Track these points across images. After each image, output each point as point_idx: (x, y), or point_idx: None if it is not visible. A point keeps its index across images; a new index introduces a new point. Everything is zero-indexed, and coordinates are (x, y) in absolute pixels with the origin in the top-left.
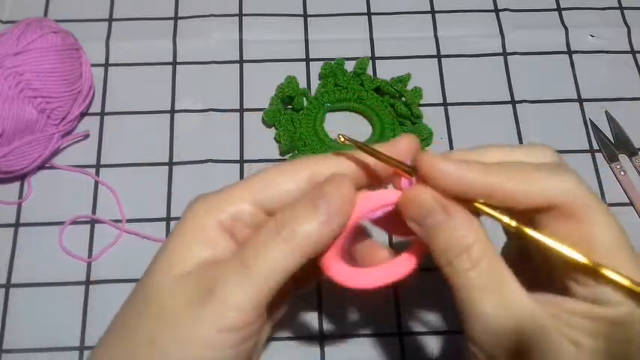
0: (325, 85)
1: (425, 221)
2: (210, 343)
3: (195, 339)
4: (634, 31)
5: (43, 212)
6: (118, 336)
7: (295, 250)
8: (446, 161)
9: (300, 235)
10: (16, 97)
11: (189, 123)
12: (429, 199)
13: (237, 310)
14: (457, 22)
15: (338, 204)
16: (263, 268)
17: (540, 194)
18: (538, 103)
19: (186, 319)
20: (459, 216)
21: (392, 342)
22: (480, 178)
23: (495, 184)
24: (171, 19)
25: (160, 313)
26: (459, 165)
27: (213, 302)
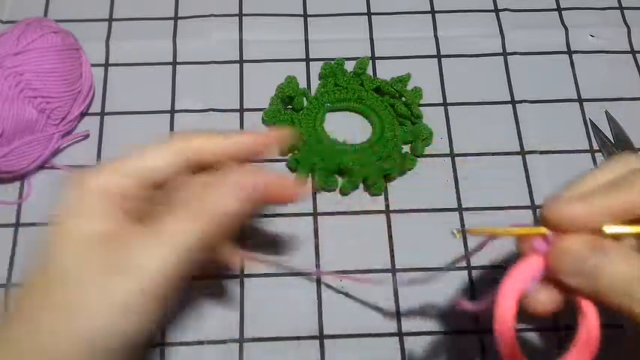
0: (325, 85)
1: (583, 269)
2: (128, 309)
3: (112, 306)
4: (634, 31)
5: (43, 212)
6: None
7: (209, 222)
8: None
9: (211, 206)
10: (16, 97)
11: (189, 123)
12: (575, 243)
13: (152, 277)
14: (457, 22)
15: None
16: (178, 237)
17: None
18: (538, 103)
19: (100, 286)
20: (614, 249)
21: (392, 342)
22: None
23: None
24: (171, 19)
25: (74, 283)
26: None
27: (127, 270)
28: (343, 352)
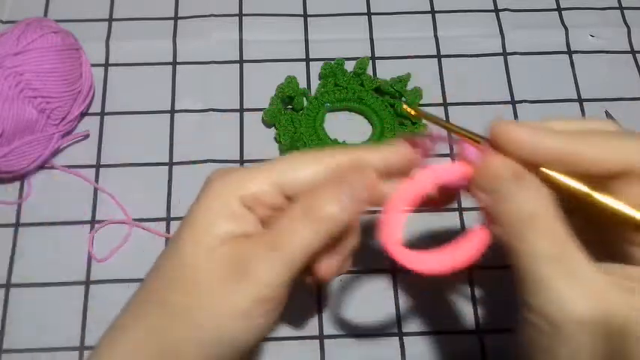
0: (325, 85)
1: (497, 190)
2: (243, 315)
3: (229, 311)
4: (634, 31)
5: (43, 212)
6: (150, 308)
7: (320, 230)
8: (522, 128)
9: (325, 216)
10: (16, 97)
11: (189, 123)
12: (503, 166)
13: (269, 287)
14: (457, 22)
15: (359, 189)
16: (291, 248)
17: (620, 158)
18: (538, 103)
19: (221, 294)
20: (531, 185)
21: (392, 342)
22: (558, 144)
23: (574, 149)
24: (171, 19)
25: (195, 288)
26: (534, 131)
27: (247, 280)
28: (343, 352)
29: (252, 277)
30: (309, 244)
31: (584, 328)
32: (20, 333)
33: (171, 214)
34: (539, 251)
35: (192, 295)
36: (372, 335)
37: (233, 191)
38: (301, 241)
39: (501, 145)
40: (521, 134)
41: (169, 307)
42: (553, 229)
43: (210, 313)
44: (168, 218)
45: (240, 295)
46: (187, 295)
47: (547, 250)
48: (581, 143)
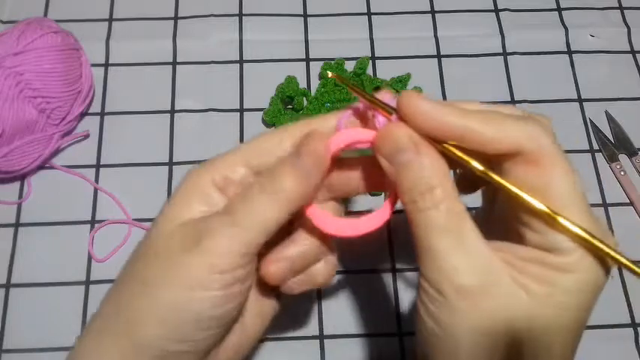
0: (325, 85)
1: (396, 158)
2: (199, 284)
3: (184, 280)
4: (634, 31)
5: (43, 212)
6: (118, 283)
7: (277, 203)
8: (426, 101)
9: (281, 189)
10: (16, 97)
11: (189, 123)
12: (403, 135)
13: (224, 256)
14: (457, 22)
15: (311, 161)
16: (248, 219)
17: (510, 139)
18: (538, 103)
19: (176, 263)
20: (429, 156)
21: (392, 342)
22: (458, 120)
23: (471, 126)
24: (171, 19)
25: (154, 259)
26: (438, 106)
27: (200, 249)
28: (343, 352)
29: (205, 247)
30: (265, 218)
31: (464, 300)
32: (20, 333)
33: None
34: (434, 221)
35: (151, 267)
36: (372, 335)
37: (204, 175)
38: (257, 216)
39: (406, 115)
40: (424, 106)
41: (132, 282)
42: (448, 202)
43: (166, 283)
44: None
45: (194, 265)
46: (147, 268)
47: (441, 221)
48: (479, 122)
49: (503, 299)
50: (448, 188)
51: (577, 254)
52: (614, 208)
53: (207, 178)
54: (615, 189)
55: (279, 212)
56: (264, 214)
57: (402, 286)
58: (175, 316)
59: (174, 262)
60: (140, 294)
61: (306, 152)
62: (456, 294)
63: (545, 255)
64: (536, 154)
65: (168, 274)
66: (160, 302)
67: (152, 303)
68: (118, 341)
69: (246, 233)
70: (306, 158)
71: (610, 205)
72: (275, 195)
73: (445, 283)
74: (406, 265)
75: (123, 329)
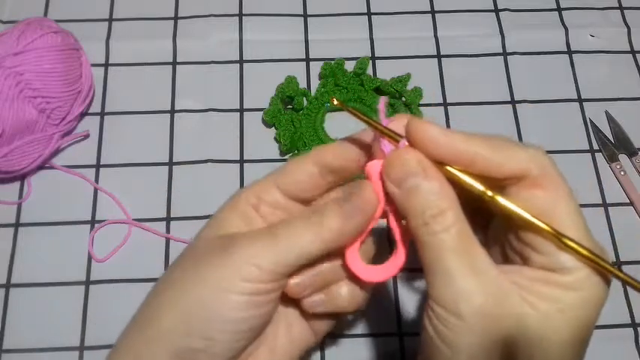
0: (325, 85)
1: (405, 183)
2: (226, 286)
3: (212, 280)
4: (634, 31)
5: (43, 212)
6: (155, 288)
7: (318, 235)
8: (435, 126)
9: (326, 225)
10: (16, 97)
11: (189, 123)
12: (412, 159)
13: (257, 268)
14: (457, 22)
15: (359, 205)
16: (285, 241)
17: (518, 163)
18: (538, 103)
19: (208, 264)
20: (438, 180)
21: (392, 342)
22: (467, 146)
23: (481, 152)
24: (171, 19)
25: (191, 264)
26: (446, 132)
27: (236, 257)
28: (343, 352)
29: (242, 255)
30: (302, 245)
31: (480, 321)
32: (20, 333)
33: (171, 214)
34: (446, 244)
35: (187, 270)
36: (372, 335)
37: (243, 195)
38: (295, 241)
39: (415, 141)
40: (433, 132)
41: (169, 282)
42: (459, 225)
43: (195, 281)
44: (168, 218)
45: (225, 267)
46: (184, 271)
47: (452, 244)
48: (487, 147)
49: (515, 318)
50: (458, 211)
51: (583, 273)
52: (614, 208)
53: (244, 197)
54: (615, 189)
55: (316, 244)
56: (301, 241)
57: (402, 286)
58: (196, 310)
59: (206, 263)
60: (166, 289)
61: (356, 198)
62: (472, 315)
63: (550, 274)
64: (542, 178)
65: (199, 272)
66: (185, 296)
67: (176, 296)
68: (132, 336)
69: (280, 252)
70: (354, 203)
71: (610, 205)
72: (316, 228)
73: (461, 305)
74: (406, 265)
75: (140, 324)
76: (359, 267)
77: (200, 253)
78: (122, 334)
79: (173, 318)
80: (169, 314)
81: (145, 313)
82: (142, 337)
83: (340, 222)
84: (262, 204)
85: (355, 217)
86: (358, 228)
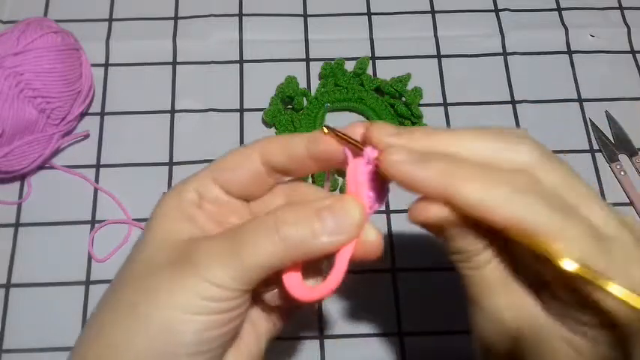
0: (325, 85)
1: (447, 231)
2: (190, 308)
3: (175, 304)
4: (634, 31)
5: (43, 212)
6: (106, 306)
7: (287, 251)
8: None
9: (297, 240)
10: (16, 97)
11: (189, 123)
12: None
13: (219, 288)
14: (457, 22)
15: (346, 224)
16: (252, 260)
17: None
18: (538, 103)
19: (168, 285)
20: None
21: (392, 342)
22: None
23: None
24: (171, 19)
25: (143, 281)
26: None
27: (195, 275)
28: (343, 352)
29: (202, 275)
30: (272, 261)
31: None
32: (20, 333)
33: None
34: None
35: (139, 290)
36: (372, 335)
37: (182, 194)
38: (264, 256)
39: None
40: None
41: (118, 304)
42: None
43: (157, 305)
44: None
45: (186, 290)
46: (136, 292)
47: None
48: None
49: (553, 356)
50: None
51: (624, 314)
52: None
53: (185, 197)
54: (615, 189)
55: (285, 260)
56: (270, 257)
57: (402, 286)
58: (164, 337)
59: (164, 284)
60: (127, 315)
61: (342, 213)
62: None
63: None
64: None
65: (159, 296)
66: (149, 323)
67: (140, 323)
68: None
69: (248, 271)
70: (340, 219)
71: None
72: (287, 243)
73: (500, 340)
74: (406, 265)
75: (104, 354)
76: (293, 284)
77: (156, 270)
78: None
79: (140, 349)
80: (134, 344)
81: (96, 344)
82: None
83: (316, 239)
84: (204, 201)
85: (337, 237)
86: (336, 248)
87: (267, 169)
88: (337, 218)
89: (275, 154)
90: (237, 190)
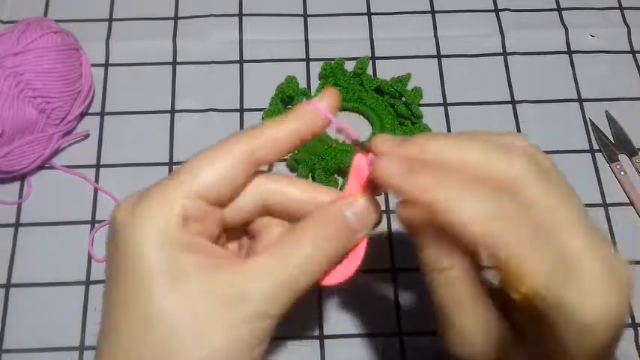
0: (325, 85)
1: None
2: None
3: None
4: (634, 31)
5: (43, 212)
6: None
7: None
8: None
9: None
10: (16, 97)
11: (189, 123)
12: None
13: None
14: (457, 22)
15: (369, 219)
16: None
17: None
18: (538, 103)
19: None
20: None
21: (392, 342)
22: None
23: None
24: (171, 19)
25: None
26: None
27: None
28: (343, 352)
29: (251, 293)
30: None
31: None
32: (20, 333)
33: None
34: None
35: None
36: (372, 335)
37: (162, 224)
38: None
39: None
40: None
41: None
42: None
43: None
44: None
45: (240, 317)
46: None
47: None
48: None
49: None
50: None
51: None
52: (614, 208)
53: (165, 226)
54: (615, 189)
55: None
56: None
57: (402, 286)
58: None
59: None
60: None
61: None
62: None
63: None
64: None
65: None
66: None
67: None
68: None
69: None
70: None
71: (610, 205)
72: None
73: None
74: (406, 265)
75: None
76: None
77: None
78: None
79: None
80: None
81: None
82: None
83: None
84: (194, 223)
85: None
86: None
87: (252, 164)
88: (362, 216)
89: (262, 149)
90: (214, 194)
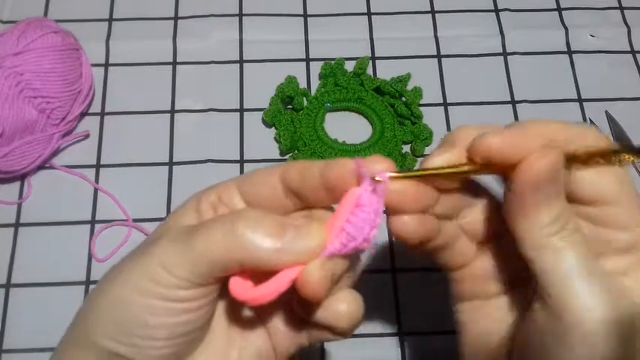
0: (325, 85)
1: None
2: (138, 288)
3: (127, 281)
4: (634, 31)
5: (43, 212)
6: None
7: (237, 251)
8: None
9: (249, 242)
10: (16, 97)
11: (189, 123)
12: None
13: (167, 271)
14: (457, 22)
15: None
16: (202, 249)
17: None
18: (538, 103)
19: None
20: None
21: (392, 342)
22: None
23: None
24: (171, 19)
25: (123, 262)
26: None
27: (151, 256)
28: (343, 352)
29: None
30: (220, 256)
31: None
32: (20, 333)
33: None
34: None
35: (117, 267)
36: (372, 335)
37: (204, 193)
38: (214, 249)
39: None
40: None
41: (102, 280)
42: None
43: (117, 284)
44: None
45: (140, 271)
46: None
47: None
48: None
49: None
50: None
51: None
52: None
53: (205, 196)
54: None
55: (236, 260)
56: (220, 250)
57: (402, 286)
58: (116, 312)
59: (129, 262)
60: (96, 289)
61: (305, 235)
62: (594, 323)
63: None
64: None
65: (122, 271)
66: (105, 296)
67: (99, 296)
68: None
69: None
70: (300, 239)
71: None
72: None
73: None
74: (406, 265)
75: (72, 325)
76: (238, 286)
77: (134, 250)
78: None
79: (96, 319)
80: (92, 315)
81: (77, 314)
82: (72, 339)
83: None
84: (220, 205)
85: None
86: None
87: (284, 189)
88: (296, 239)
89: (292, 173)
90: (255, 203)
